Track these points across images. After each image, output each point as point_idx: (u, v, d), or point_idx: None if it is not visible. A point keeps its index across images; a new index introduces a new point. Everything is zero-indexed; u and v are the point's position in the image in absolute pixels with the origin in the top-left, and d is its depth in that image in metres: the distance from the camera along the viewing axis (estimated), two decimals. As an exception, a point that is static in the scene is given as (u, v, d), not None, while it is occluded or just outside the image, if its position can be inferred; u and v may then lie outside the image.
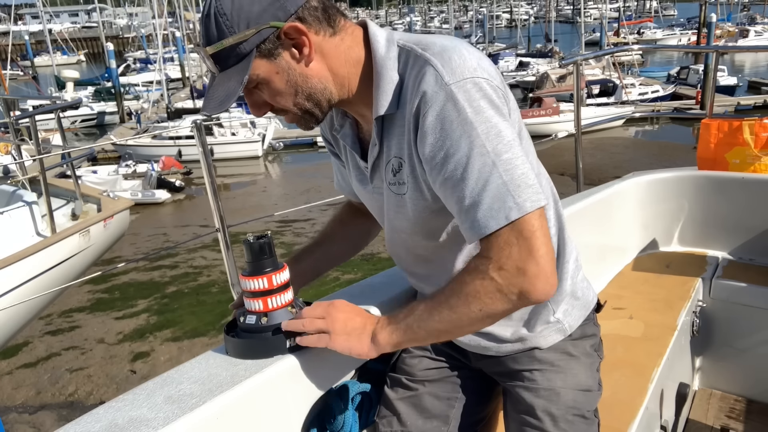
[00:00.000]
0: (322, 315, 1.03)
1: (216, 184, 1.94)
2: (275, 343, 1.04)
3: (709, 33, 26.39)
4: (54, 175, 5.92)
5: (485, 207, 0.90)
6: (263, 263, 1.03)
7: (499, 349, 1.19)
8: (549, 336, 1.17)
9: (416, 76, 0.95)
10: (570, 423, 1.12)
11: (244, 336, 1.06)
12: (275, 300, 1.03)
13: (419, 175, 1.01)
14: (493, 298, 0.92)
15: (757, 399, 2.12)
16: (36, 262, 3.78)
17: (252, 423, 1.03)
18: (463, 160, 0.90)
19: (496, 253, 0.91)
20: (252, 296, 1.03)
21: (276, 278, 1.03)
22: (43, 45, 46.12)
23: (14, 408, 6.19)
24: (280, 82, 0.98)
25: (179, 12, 37.00)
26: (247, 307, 1.06)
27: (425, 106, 0.93)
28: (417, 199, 1.03)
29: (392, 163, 1.05)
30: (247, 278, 1.02)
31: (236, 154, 18.58)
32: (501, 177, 0.89)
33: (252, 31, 0.92)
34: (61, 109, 4.98)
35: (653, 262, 2.28)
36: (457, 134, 0.91)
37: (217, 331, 7.56)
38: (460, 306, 0.95)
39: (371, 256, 10.06)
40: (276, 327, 1.04)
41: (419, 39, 1.00)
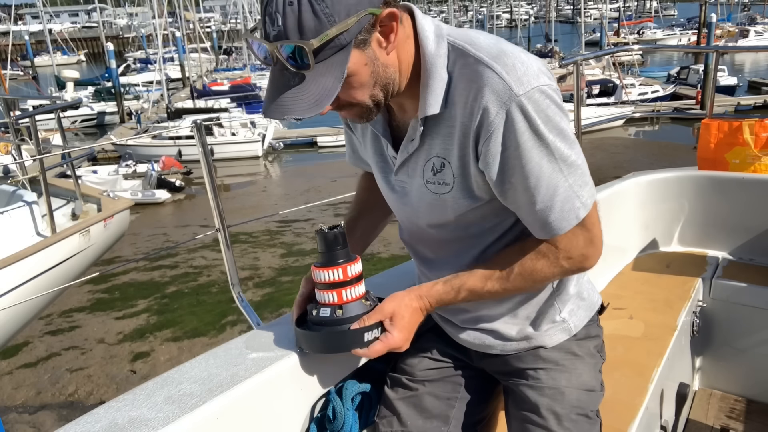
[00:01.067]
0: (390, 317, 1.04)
1: (216, 184, 1.93)
2: (354, 337, 1.00)
3: (709, 33, 26.38)
4: (54, 175, 5.92)
5: (557, 210, 0.97)
6: (337, 254, 1.00)
7: (504, 348, 1.19)
8: (555, 335, 1.18)
9: (472, 80, 0.93)
10: (574, 422, 1.12)
11: (318, 329, 1.03)
12: (349, 292, 1.01)
13: (471, 177, 1.00)
14: (556, 278, 1.08)
15: (757, 399, 2.12)
16: (36, 262, 3.78)
17: (252, 423, 1.03)
18: (535, 169, 0.94)
19: (565, 245, 1.01)
20: (326, 288, 1.01)
21: (350, 269, 1.00)
22: (43, 45, 46.12)
23: (14, 408, 6.19)
24: (365, 74, 0.92)
25: (179, 12, 37.02)
26: (320, 300, 1.03)
27: (493, 115, 0.92)
28: (461, 198, 1.03)
29: (433, 162, 1.03)
30: (321, 269, 1.00)
31: (236, 154, 18.57)
32: (567, 180, 0.96)
33: (353, 19, 0.85)
34: (61, 109, 4.98)
35: (653, 262, 2.28)
36: (529, 145, 0.92)
37: (217, 331, 7.56)
38: (520, 282, 1.05)
39: (371, 256, 10.05)
40: (352, 320, 1.01)
41: (467, 36, 0.98)
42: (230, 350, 1.13)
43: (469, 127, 0.95)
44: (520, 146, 0.93)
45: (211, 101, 23.33)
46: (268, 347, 1.12)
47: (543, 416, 1.12)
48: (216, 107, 22.29)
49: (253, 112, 22.21)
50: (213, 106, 22.39)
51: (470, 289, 1.06)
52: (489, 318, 1.17)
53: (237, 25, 42.65)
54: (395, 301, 1.04)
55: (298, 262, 10.01)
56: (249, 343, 1.15)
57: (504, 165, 0.95)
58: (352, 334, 1.00)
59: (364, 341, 1.00)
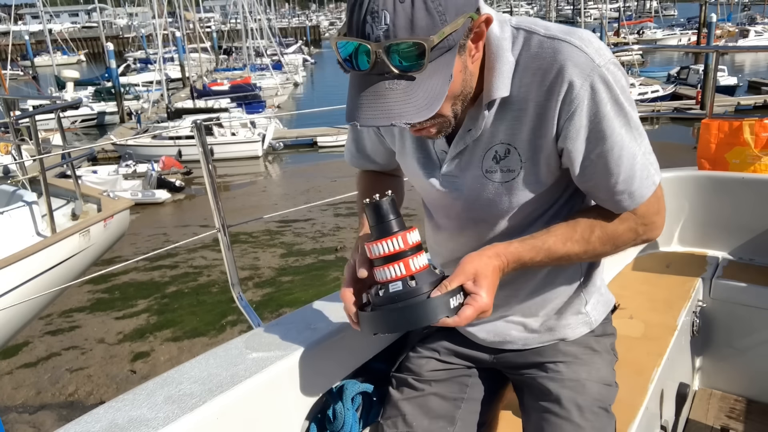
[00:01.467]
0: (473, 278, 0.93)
1: (216, 184, 1.93)
2: (440, 305, 0.89)
3: (709, 33, 26.39)
4: (54, 175, 5.92)
5: (638, 179, 0.98)
6: (393, 223, 0.92)
7: (527, 341, 1.19)
8: (577, 328, 1.19)
9: (549, 57, 0.92)
10: (596, 415, 1.12)
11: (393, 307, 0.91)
12: (416, 261, 0.91)
13: (542, 161, 0.99)
14: (630, 245, 1.06)
15: (757, 399, 2.12)
16: (36, 262, 3.78)
17: (252, 423, 1.03)
18: (618, 139, 0.94)
19: (643, 211, 1.02)
20: (389, 261, 0.91)
21: (410, 237, 0.91)
22: (43, 45, 46.11)
23: (14, 408, 6.19)
24: (458, 82, 0.88)
25: (179, 12, 37.02)
26: (384, 277, 0.91)
27: (578, 89, 0.91)
28: (526, 185, 1.01)
29: (495, 150, 1.00)
30: (380, 241, 0.90)
31: (236, 154, 18.57)
32: (641, 148, 0.97)
33: (461, 20, 0.81)
34: (61, 109, 4.98)
35: (653, 262, 2.28)
36: (612, 114, 0.93)
37: (217, 331, 7.56)
38: (599, 246, 1.03)
39: (371, 256, 10.05)
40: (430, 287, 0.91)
41: (529, 19, 0.97)
42: (230, 350, 1.13)
43: (548, 106, 0.94)
44: (605, 117, 0.93)
45: (211, 101, 23.33)
46: (268, 347, 1.12)
47: (566, 408, 1.10)
48: (216, 107, 22.29)
49: (253, 112, 22.22)
50: (213, 106, 22.39)
51: (549, 249, 1.00)
52: (515, 310, 1.16)
53: (237, 25, 42.64)
54: (475, 261, 0.94)
55: (298, 262, 10.01)
56: (249, 343, 1.15)
57: (589, 138, 0.94)
58: (437, 301, 0.89)
59: (451, 308, 0.90)
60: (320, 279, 9.15)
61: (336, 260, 10.01)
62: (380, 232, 0.91)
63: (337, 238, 11.03)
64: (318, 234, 11.40)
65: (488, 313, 0.93)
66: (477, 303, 0.91)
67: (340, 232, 11.38)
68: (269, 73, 31.20)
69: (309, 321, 1.23)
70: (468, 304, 0.91)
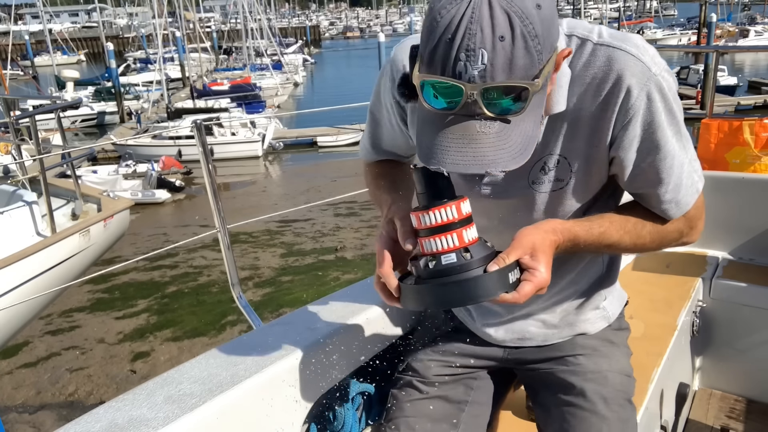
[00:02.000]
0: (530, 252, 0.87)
1: (216, 184, 1.93)
2: (499, 280, 0.82)
3: (709, 33, 26.39)
4: (54, 175, 5.92)
5: (684, 187, 0.99)
6: (446, 191, 0.83)
7: (546, 338, 1.18)
8: (596, 322, 1.20)
9: (604, 67, 0.90)
10: (620, 406, 1.11)
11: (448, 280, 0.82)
12: (469, 232, 0.83)
13: (593, 171, 0.98)
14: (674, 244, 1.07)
15: (757, 399, 2.12)
16: (36, 262, 3.79)
17: (252, 423, 1.03)
18: (670, 149, 0.94)
19: (690, 216, 1.03)
20: (441, 231, 0.82)
21: (464, 207, 0.83)
22: (43, 45, 46.12)
23: (14, 408, 6.19)
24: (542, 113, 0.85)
25: (179, 12, 37.01)
26: (433, 249, 0.83)
27: (634, 98, 0.90)
28: (576, 193, 1.00)
29: (545, 161, 0.98)
30: (432, 210, 0.82)
31: (236, 154, 18.57)
32: (687, 155, 0.98)
33: (552, 56, 0.78)
34: (61, 108, 4.98)
35: (653, 262, 2.28)
36: (665, 124, 0.93)
37: (217, 331, 7.56)
38: (648, 241, 1.02)
39: (371, 256, 10.05)
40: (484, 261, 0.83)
41: (580, 24, 0.95)
42: (230, 350, 1.13)
43: (603, 117, 0.93)
44: (659, 126, 0.92)
45: (211, 101, 23.33)
46: (268, 347, 1.12)
47: (591, 400, 1.09)
48: (216, 107, 22.29)
49: (253, 112, 22.21)
50: (213, 106, 22.39)
51: (603, 234, 0.96)
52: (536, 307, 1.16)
53: (237, 25, 42.65)
54: (532, 235, 0.87)
55: (298, 262, 10.01)
56: (249, 343, 1.15)
57: (641, 148, 0.94)
58: (496, 276, 0.81)
59: (510, 283, 0.83)
60: (320, 279, 9.15)
61: (336, 260, 10.01)
62: (431, 200, 0.83)
63: (337, 238, 11.03)
64: (318, 234, 11.40)
65: (545, 289, 0.87)
66: (536, 278, 0.84)
67: (340, 232, 11.38)
68: (269, 73, 31.20)
69: (309, 321, 1.23)
70: (527, 280, 0.84)
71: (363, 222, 11.79)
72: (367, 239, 10.80)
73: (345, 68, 46.66)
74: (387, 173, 1.19)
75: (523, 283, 0.84)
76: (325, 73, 44.04)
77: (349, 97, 28.01)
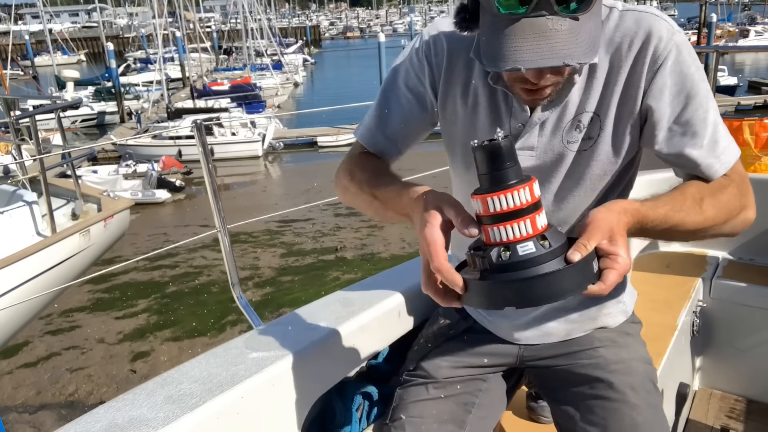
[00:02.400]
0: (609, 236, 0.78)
1: (216, 184, 1.93)
2: (587, 271, 0.72)
3: (709, 33, 26.40)
4: (54, 174, 5.93)
5: (722, 144, 0.98)
6: (513, 171, 0.73)
7: (569, 332, 1.18)
8: (616, 316, 1.20)
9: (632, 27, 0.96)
10: (648, 392, 1.11)
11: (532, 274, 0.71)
12: (542, 217, 0.73)
13: (626, 130, 1.00)
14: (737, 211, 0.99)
15: (757, 399, 2.12)
16: (36, 262, 3.79)
17: (252, 423, 1.03)
18: (704, 101, 0.96)
19: (737, 180, 1.00)
20: (515, 217, 0.71)
21: (535, 189, 0.73)
22: (44, 45, 46.12)
23: (14, 408, 6.20)
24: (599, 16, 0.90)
25: (179, 12, 37.01)
26: (504, 238, 0.72)
27: (662, 46, 0.94)
28: (604, 154, 1.02)
29: (580, 119, 1.00)
30: (505, 192, 0.71)
31: (236, 154, 18.57)
32: (718, 116, 0.98)
33: None
34: (61, 108, 4.99)
35: (653, 262, 2.28)
36: (695, 78, 0.96)
37: (217, 331, 7.56)
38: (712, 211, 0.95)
39: (371, 256, 10.06)
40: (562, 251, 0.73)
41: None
42: (230, 350, 1.13)
43: (634, 71, 0.97)
44: (689, 75, 0.96)
45: (211, 101, 23.33)
46: (268, 347, 1.12)
47: (619, 390, 1.09)
48: (216, 107, 22.29)
49: (253, 112, 22.22)
50: (213, 106, 22.39)
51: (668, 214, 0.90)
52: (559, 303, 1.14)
53: (237, 25, 42.65)
54: (608, 217, 0.78)
55: (298, 262, 10.02)
56: (249, 343, 1.15)
57: (674, 97, 0.96)
58: (583, 266, 0.71)
59: (594, 273, 0.73)
60: (320, 279, 9.15)
61: (336, 260, 10.02)
62: (499, 181, 0.72)
63: (337, 238, 11.03)
64: (318, 234, 11.41)
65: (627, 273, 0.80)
66: (620, 265, 0.75)
67: (340, 232, 11.38)
68: (269, 73, 31.20)
69: (309, 321, 1.23)
70: (610, 268, 0.74)
71: (363, 222, 11.80)
72: (367, 239, 10.80)
73: (345, 68, 46.66)
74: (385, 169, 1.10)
75: (607, 271, 0.74)
76: (325, 73, 44.05)
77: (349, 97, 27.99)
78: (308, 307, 1.31)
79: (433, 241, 0.77)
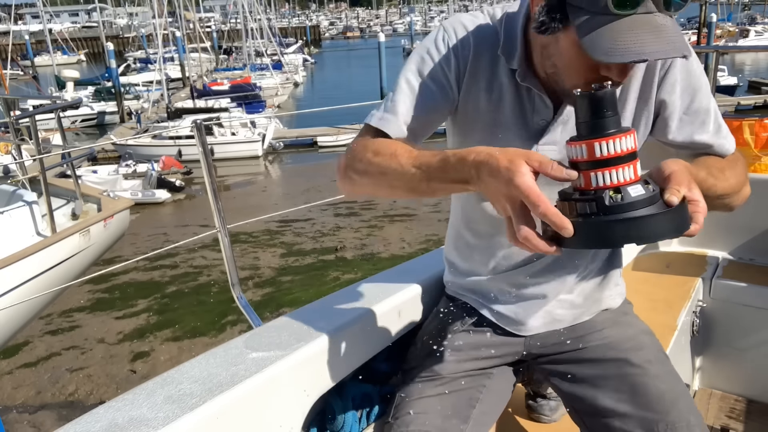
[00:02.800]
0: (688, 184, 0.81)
1: (216, 184, 1.93)
2: (685, 212, 0.77)
3: (709, 33, 26.40)
4: (54, 174, 5.92)
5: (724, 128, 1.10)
6: (617, 119, 0.76)
7: (575, 317, 1.22)
8: (616, 298, 1.28)
9: None
10: (662, 362, 1.16)
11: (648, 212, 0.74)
12: (639, 164, 0.77)
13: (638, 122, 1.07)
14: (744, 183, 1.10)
15: (757, 399, 2.12)
16: (36, 262, 3.79)
17: (252, 423, 1.03)
18: (706, 92, 1.07)
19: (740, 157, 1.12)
20: (621, 162, 0.74)
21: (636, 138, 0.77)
22: (44, 45, 46.13)
23: (14, 408, 6.20)
24: None
25: (179, 12, 37.02)
26: (613, 181, 0.74)
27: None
28: None
29: None
30: (616, 138, 0.74)
31: (236, 154, 18.57)
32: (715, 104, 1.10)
33: None
34: (61, 108, 4.98)
35: (653, 262, 2.28)
36: (698, 72, 1.07)
37: (217, 331, 7.56)
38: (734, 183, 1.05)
39: (371, 256, 10.06)
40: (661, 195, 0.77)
41: None
42: (230, 350, 1.13)
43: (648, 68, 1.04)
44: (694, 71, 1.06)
45: (211, 101, 23.33)
46: (268, 347, 1.12)
47: (637, 365, 1.13)
48: (216, 107, 22.29)
49: (253, 112, 22.22)
50: (213, 106, 22.39)
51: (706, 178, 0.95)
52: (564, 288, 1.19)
53: (237, 25, 42.66)
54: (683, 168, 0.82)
55: (298, 262, 10.02)
56: (249, 343, 1.15)
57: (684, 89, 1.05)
58: (684, 208, 0.77)
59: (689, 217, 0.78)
60: (320, 279, 9.15)
61: (336, 260, 10.02)
62: (603, 129, 0.75)
63: (337, 238, 11.03)
64: (318, 234, 11.41)
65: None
66: (702, 209, 0.80)
67: (340, 232, 11.38)
68: (269, 73, 31.20)
69: (309, 321, 1.23)
70: (697, 212, 0.79)
71: (363, 222, 11.80)
72: (367, 239, 10.81)
73: (345, 68, 46.67)
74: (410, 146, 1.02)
75: (696, 214, 0.78)
76: (325, 73, 44.05)
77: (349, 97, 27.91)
78: (308, 307, 1.31)
79: (532, 187, 0.75)
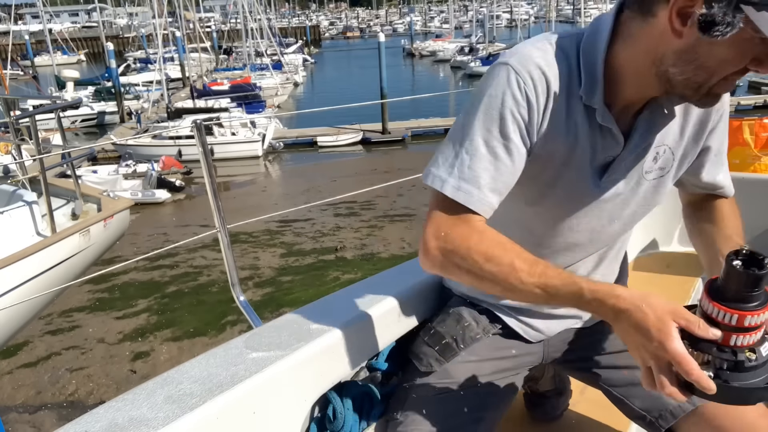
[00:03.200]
0: None
1: (216, 184, 1.93)
2: None
3: (709, 33, 26.29)
4: (54, 174, 5.92)
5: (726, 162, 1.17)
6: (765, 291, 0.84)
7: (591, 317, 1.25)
8: None
9: None
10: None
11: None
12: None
13: (685, 162, 1.10)
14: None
15: None
16: (36, 262, 3.79)
17: (252, 423, 1.03)
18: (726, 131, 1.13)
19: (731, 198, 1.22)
20: (759, 329, 0.84)
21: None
22: (44, 45, 46.11)
23: (14, 408, 6.20)
24: None
25: (179, 12, 37.03)
26: (742, 343, 0.82)
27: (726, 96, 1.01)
28: (667, 184, 1.11)
29: (656, 151, 1.05)
30: (762, 311, 0.82)
31: (236, 154, 18.58)
32: None
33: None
34: (61, 108, 4.99)
35: (653, 262, 2.28)
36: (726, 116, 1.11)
37: (217, 331, 7.56)
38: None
39: (371, 256, 10.06)
40: None
41: None
42: (230, 350, 1.13)
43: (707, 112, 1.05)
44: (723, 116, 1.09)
45: (211, 101, 23.33)
46: (268, 347, 1.12)
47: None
48: (216, 107, 22.30)
49: (253, 112, 22.22)
50: (213, 106, 22.40)
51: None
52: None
53: (237, 25, 42.68)
54: None
55: (298, 262, 10.02)
56: (249, 343, 1.15)
57: (724, 133, 1.11)
58: None
59: None
60: (320, 279, 9.16)
61: (336, 260, 10.02)
62: (753, 301, 0.81)
63: (337, 238, 11.04)
64: (318, 234, 11.41)
65: None
66: None
67: (340, 232, 11.39)
68: (269, 73, 31.20)
69: (309, 321, 1.23)
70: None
71: (363, 222, 11.80)
72: (367, 239, 10.81)
73: (345, 68, 46.68)
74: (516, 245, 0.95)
75: None
76: (325, 73, 44.07)
77: (349, 97, 27.87)
78: (308, 307, 1.31)
79: (684, 355, 0.79)
